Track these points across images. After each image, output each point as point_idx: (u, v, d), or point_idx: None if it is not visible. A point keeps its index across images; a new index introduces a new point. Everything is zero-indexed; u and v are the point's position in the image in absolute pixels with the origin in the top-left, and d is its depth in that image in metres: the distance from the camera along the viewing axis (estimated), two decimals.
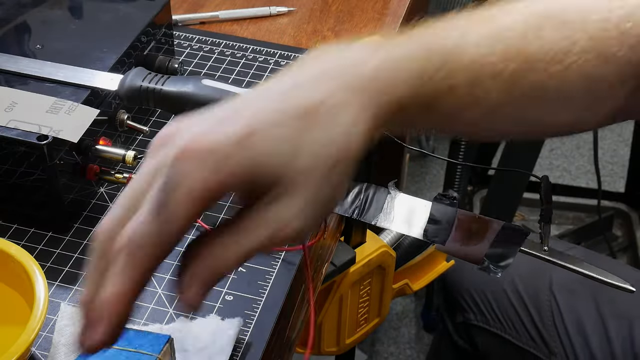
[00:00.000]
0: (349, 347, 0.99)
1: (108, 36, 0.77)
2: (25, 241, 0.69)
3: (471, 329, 1.10)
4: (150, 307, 0.64)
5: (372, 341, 1.78)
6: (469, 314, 1.09)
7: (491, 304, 1.07)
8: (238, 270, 0.67)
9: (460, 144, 1.59)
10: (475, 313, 1.08)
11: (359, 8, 1.02)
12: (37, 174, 0.66)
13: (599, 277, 0.71)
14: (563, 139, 2.35)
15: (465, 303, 1.10)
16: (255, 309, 0.64)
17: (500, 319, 1.05)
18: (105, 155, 0.70)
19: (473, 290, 1.09)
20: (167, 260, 0.69)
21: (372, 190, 0.77)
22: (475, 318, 1.08)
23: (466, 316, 1.10)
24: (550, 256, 0.73)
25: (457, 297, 1.11)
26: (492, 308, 1.06)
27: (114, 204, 0.42)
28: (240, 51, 0.93)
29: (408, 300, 1.88)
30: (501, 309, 1.06)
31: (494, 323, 1.06)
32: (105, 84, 0.71)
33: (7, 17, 0.78)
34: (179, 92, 0.68)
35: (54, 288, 0.65)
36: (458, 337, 1.13)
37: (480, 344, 1.09)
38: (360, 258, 0.88)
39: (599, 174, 1.39)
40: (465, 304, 1.10)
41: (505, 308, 1.05)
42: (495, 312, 1.06)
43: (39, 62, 0.73)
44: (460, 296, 1.11)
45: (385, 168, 1.58)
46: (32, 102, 0.68)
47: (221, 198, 0.40)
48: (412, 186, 2.18)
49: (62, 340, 0.59)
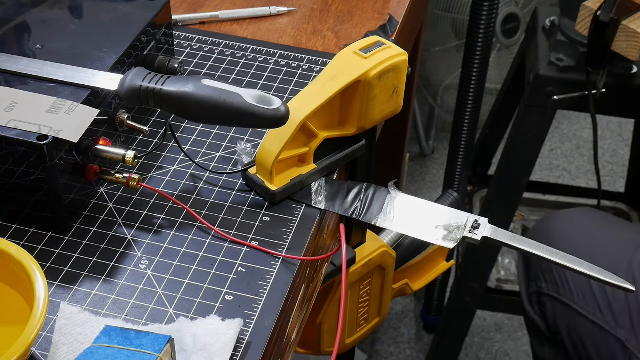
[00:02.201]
0: (349, 347, 0.99)
1: (108, 36, 0.77)
2: (25, 241, 0.69)
3: (543, 298, 1.10)
4: (151, 307, 0.64)
5: (372, 341, 1.78)
6: (542, 283, 1.09)
7: (564, 273, 1.06)
8: (238, 270, 0.67)
9: (460, 144, 1.59)
10: (548, 282, 1.08)
11: (359, 8, 1.02)
12: (37, 174, 0.66)
13: (599, 277, 0.71)
14: (563, 138, 2.35)
15: (540, 272, 1.10)
16: (255, 309, 0.64)
17: (571, 289, 1.05)
18: (105, 155, 0.70)
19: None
20: (167, 260, 0.69)
21: (372, 190, 0.77)
22: (547, 287, 1.09)
23: (539, 285, 1.10)
24: (550, 256, 0.73)
25: (533, 266, 1.12)
26: (565, 278, 1.06)
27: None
28: (240, 51, 0.93)
29: (408, 300, 1.88)
30: (574, 279, 1.05)
31: (565, 292, 1.06)
32: (105, 84, 0.71)
33: (7, 17, 0.78)
34: (179, 92, 0.68)
35: (54, 288, 0.65)
36: (530, 308, 1.13)
37: (550, 315, 1.09)
38: (360, 258, 0.88)
39: (599, 174, 1.39)
40: (540, 273, 1.10)
41: (577, 278, 1.04)
42: (568, 281, 1.06)
43: (39, 62, 0.73)
44: (537, 265, 1.11)
45: (385, 168, 1.58)
46: (32, 102, 0.68)
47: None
48: (412, 186, 2.18)
49: (63, 340, 0.59)
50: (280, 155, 0.72)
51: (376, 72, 0.73)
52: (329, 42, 0.96)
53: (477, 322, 1.84)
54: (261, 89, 0.88)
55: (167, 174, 0.76)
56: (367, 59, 0.74)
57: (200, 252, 0.69)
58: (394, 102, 0.77)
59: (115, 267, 0.67)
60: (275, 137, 0.72)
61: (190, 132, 0.81)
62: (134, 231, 0.70)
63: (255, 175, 0.74)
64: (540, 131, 1.42)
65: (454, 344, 1.64)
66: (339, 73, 0.74)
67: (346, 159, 0.79)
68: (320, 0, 1.04)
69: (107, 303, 0.64)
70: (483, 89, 1.53)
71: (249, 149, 0.77)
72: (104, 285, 0.65)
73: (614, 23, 1.15)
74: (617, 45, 1.16)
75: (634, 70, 1.30)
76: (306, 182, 0.75)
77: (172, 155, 0.78)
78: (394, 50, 0.75)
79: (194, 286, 0.66)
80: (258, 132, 0.81)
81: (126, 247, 0.69)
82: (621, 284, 0.74)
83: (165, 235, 0.70)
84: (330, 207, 0.74)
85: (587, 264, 0.73)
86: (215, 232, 0.70)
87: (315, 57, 0.92)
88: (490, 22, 1.42)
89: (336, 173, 0.79)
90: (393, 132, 1.49)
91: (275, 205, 0.73)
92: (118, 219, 0.71)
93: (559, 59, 1.33)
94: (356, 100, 0.75)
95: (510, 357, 1.79)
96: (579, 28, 1.21)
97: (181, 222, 0.71)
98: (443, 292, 1.78)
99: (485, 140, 1.82)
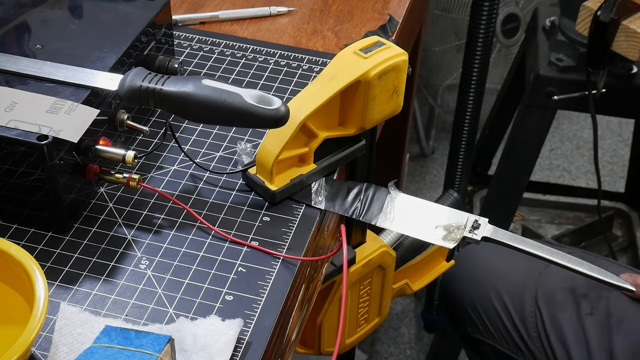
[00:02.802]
0: (349, 347, 0.99)
1: (108, 36, 0.77)
2: (25, 241, 0.69)
3: (473, 341, 1.14)
4: (151, 307, 0.64)
5: (372, 341, 1.78)
6: (468, 328, 1.14)
7: (482, 317, 1.12)
8: (238, 270, 0.67)
9: (461, 144, 1.59)
10: (472, 326, 1.13)
11: (359, 8, 1.02)
12: (37, 174, 0.66)
13: (599, 277, 0.71)
14: (563, 138, 2.35)
15: (463, 317, 1.15)
16: (255, 309, 0.64)
17: (492, 331, 1.10)
18: (105, 155, 0.70)
19: (467, 305, 1.13)
20: (167, 260, 0.69)
21: (372, 190, 0.77)
22: (472, 331, 1.13)
23: (467, 330, 1.14)
24: (550, 256, 0.73)
25: (457, 312, 1.16)
26: (484, 321, 1.12)
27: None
28: (240, 51, 0.93)
29: (408, 300, 1.88)
30: (491, 322, 1.10)
31: (488, 335, 1.11)
32: (105, 84, 0.71)
33: (7, 17, 0.78)
34: (179, 92, 0.68)
35: (54, 288, 0.65)
36: (468, 350, 1.18)
37: (484, 355, 1.14)
38: (360, 258, 0.88)
39: (599, 174, 1.39)
40: (464, 318, 1.14)
41: (494, 320, 1.10)
42: (487, 324, 1.11)
43: (39, 62, 0.73)
44: (459, 311, 1.15)
45: (385, 168, 1.58)
46: (32, 102, 0.68)
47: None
48: (412, 186, 2.18)
49: (63, 340, 0.59)
50: (280, 155, 0.72)
51: (376, 72, 0.73)
52: (329, 42, 0.96)
53: None
54: (261, 89, 0.88)
55: (167, 174, 0.76)
56: (367, 59, 0.74)
57: (200, 252, 0.69)
58: (394, 102, 0.77)
59: (115, 267, 0.67)
60: (275, 137, 0.72)
61: (190, 132, 0.81)
62: (134, 231, 0.70)
63: (255, 175, 0.74)
64: (540, 131, 1.42)
65: (454, 344, 1.64)
66: (339, 73, 0.74)
67: (346, 159, 0.79)
68: (320, 0, 1.04)
69: (107, 303, 0.64)
70: (483, 89, 1.53)
71: (249, 149, 0.77)
72: (104, 285, 0.65)
73: (614, 23, 1.15)
74: (617, 45, 1.16)
75: (634, 70, 1.30)
76: (306, 182, 0.75)
77: (172, 155, 0.78)
78: (394, 50, 0.75)
79: (194, 286, 0.66)
80: (258, 132, 0.81)
81: (126, 247, 0.69)
82: (621, 284, 0.74)
83: (165, 235, 0.70)
84: (330, 207, 0.74)
85: (587, 264, 0.73)
86: (215, 232, 0.70)
87: (315, 57, 0.92)
88: (490, 22, 1.43)
89: (336, 173, 0.79)
90: (393, 132, 1.49)
91: (275, 205, 0.73)
92: (118, 219, 0.71)
93: (559, 59, 1.33)
94: (356, 100, 0.75)
95: None
96: (579, 28, 1.21)
97: (181, 222, 0.71)
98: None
99: (485, 140, 1.82)
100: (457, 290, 1.15)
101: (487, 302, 1.10)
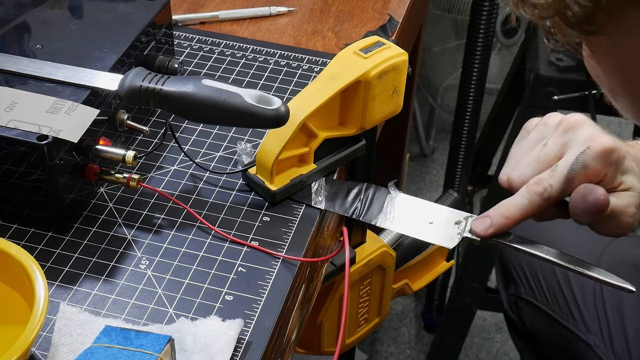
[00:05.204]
0: (349, 347, 0.99)
1: (108, 36, 0.77)
2: (25, 241, 0.69)
3: (520, 301, 1.13)
4: (151, 307, 0.64)
5: (372, 341, 1.78)
6: (520, 287, 1.13)
7: (540, 280, 1.10)
8: (238, 270, 0.67)
9: (461, 144, 1.59)
10: (526, 287, 1.12)
11: (359, 8, 1.02)
12: (37, 174, 0.66)
13: (599, 277, 0.71)
14: None
15: (517, 277, 1.14)
16: (255, 309, 0.64)
17: (546, 295, 1.09)
18: (105, 155, 0.70)
19: (525, 266, 1.13)
20: (167, 260, 0.69)
21: (372, 190, 0.77)
22: (525, 292, 1.12)
23: (517, 289, 1.14)
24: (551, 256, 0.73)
25: (511, 270, 1.15)
26: (540, 284, 1.10)
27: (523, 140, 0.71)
28: (240, 51, 0.93)
29: (408, 300, 1.88)
30: (548, 286, 1.09)
31: (541, 298, 1.10)
32: (105, 84, 0.71)
33: (7, 17, 0.78)
34: (179, 92, 0.68)
35: (54, 288, 0.65)
36: (508, 307, 1.17)
37: (527, 317, 1.13)
38: (360, 258, 0.87)
39: None
40: (517, 278, 1.14)
41: (552, 286, 1.09)
42: (543, 288, 1.10)
43: (39, 62, 0.73)
44: (514, 269, 1.15)
45: (385, 168, 1.58)
46: (32, 102, 0.68)
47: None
48: (412, 186, 2.18)
49: (62, 340, 0.59)
50: (280, 155, 0.72)
51: (376, 72, 0.73)
52: (329, 42, 0.96)
53: (477, 322, 1.84)
54: (261, 89, 0.87)
55: (167, 174, 0.76)
56: (367, 59, 0.74)
57: (200, 252, 0.69)
58: (394, 102, 0.77)
59: (115, 267, 0.67)
60: (275, 137, 0.72)
61: (190, 132, 0.81)
62: (134, 231, 0.70)
63: (255, 175, 0.74)
64: None
65: (454, 344, 1.64)
66: (339, 73, 0.74)
67: (346, 159, 0.79)
68: (320, 0, 1.04)
69: (107, 303, 0.64)
70: (483, 89, 1.53)
71: (249, 149, 0.77)
72: (104, 285, 0.65)
73: None
74: None
75: None
76: (306, 182, 0.75)
77: (172, 155, 0.78)
78: (394, 50, 0.75)
79: (194, 286, 0.66)
80: (258, 132, 0.81)
81: (126, 247, 0.69)
82: (621, 284, 0.74)
83: (165, 235, 0.70)
84: (330, 207, 0.74)
85: (587, 264, 0.73)
86: (215, 232, 0.70)
87: (315, 57, 0.92)
88: (490, 22, 1.43)
89: (336, 173, 0.79)
90: (393, 132, 1.49)
91: (275, 205, 0.73)
92: (118, 219, 0.71)
93: (559, 59, 1.33)
94: (356, 100, 0.75)
95: (510, 357, 1.79)
96: None
97: (181, 222, 0.71)
98: (443, 292, 1.78)
99: (485, 140, 1.82)
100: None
101: (548, 266, 1.09)
